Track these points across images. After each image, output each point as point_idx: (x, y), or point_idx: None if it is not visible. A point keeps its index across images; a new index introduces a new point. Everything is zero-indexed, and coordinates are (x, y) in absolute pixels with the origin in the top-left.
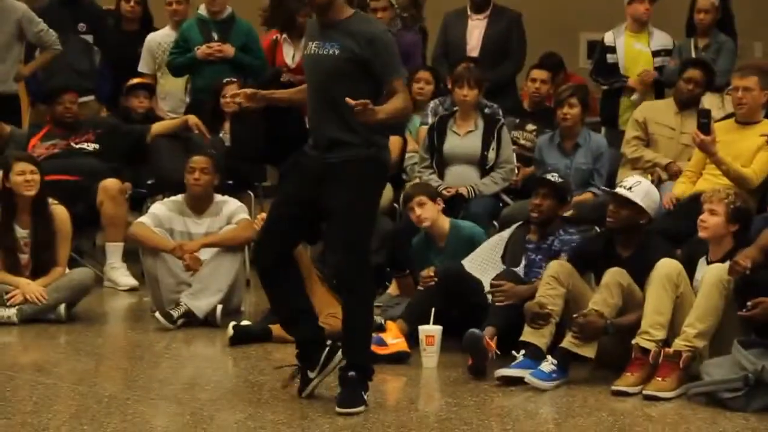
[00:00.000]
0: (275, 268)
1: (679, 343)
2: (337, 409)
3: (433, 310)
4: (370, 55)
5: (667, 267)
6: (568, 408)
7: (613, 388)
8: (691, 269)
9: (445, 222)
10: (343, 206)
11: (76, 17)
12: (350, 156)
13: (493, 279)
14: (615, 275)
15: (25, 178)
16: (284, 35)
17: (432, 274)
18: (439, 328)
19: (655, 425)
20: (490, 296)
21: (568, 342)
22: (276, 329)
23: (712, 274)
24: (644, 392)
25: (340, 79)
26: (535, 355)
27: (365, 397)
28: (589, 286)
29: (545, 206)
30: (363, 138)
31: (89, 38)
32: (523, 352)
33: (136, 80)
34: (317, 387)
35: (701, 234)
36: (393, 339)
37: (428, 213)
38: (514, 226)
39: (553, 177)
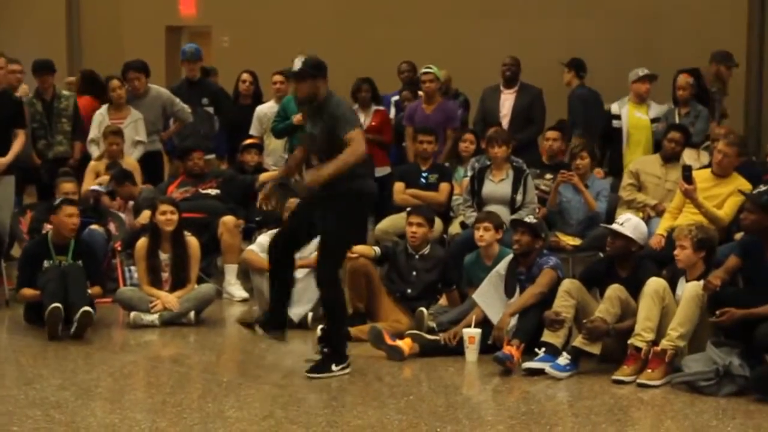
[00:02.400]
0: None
1: (665, 343)
2: (306, 373)
3: (474, 317)
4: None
5: (655, 284)
6: (579, 392)
7: (614, 377)
8: (673, 286)
9: (496, 247)
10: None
11: (201, 94)
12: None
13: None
14: (615, 290)
15: (166, 217)
16: (356, 106)
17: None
18: (478, 330)
19: (646, 406)
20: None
21: (578, 341)
22: (354, 330)
23: (690, 290)
24: (638, 381)
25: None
26: (553, 352)
27: (334, 369)
28: (594, 299)
29: (524, 241)
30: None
31: (211, 110)
32: (543, 349)
33: (248, 141)
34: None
35: (678, 264)
36: (400, 341)
37: (489, 237)
38: (505, 261)
39: (529, 219)
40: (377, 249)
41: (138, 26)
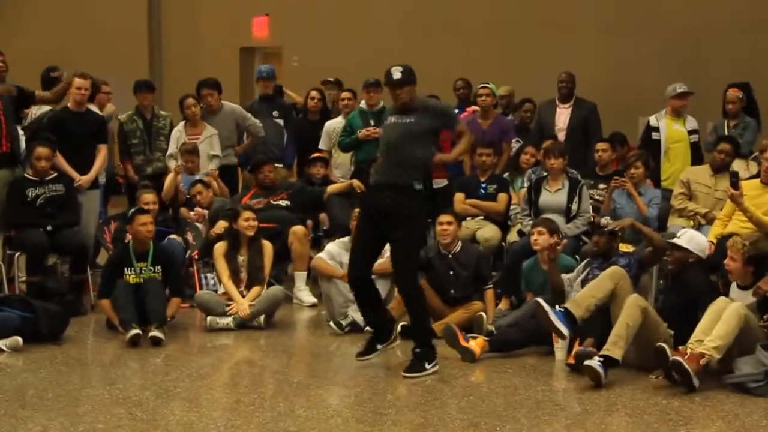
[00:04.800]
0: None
1: (701, 347)
2: (403, 374)
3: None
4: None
5: (741, 308)
6: (632, 393)
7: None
8: (726, 289)
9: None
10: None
11: (272, 108)
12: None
13: None
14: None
15: (249, 223)
16: None
17: None
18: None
19: (697, 407)
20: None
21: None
22: (434, 326)
23: (732, 308)
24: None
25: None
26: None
27: (427, 367)
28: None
29: (601, 243)
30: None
31: (281, 122)
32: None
33: (316, 154)
34: (377, 356)
35: (729, 276)
36: (473, 342)
37: (542, 240)
38: (582, 265)
39: (605, 219)
40: None
41: (214, 48)
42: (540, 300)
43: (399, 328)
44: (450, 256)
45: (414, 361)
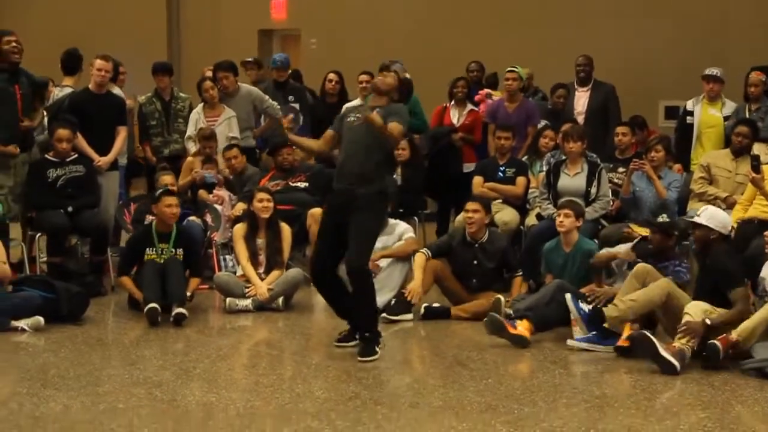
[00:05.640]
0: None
1: (734, 333)
2: (359, 358)
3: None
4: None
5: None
6: (650, 378)
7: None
8: (756, 269)
9: (575, 235)
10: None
11: (286, 93)
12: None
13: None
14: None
15: (263, 204)
16: (452, 103)
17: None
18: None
19: (716, 391)
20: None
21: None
22: (454, 309)
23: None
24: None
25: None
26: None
27: (377, 349)
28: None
29: (656, 240)
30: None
31: (296, 106)
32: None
33: None
34: (355, 345)
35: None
36: (521, 327)
37: (569, 223)
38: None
39: (662, 218)
40: (427, 251)
41: (233, 30)
42: (568, 298)
43: (423, 309)
44: (476, 245)
45: (366, 345)
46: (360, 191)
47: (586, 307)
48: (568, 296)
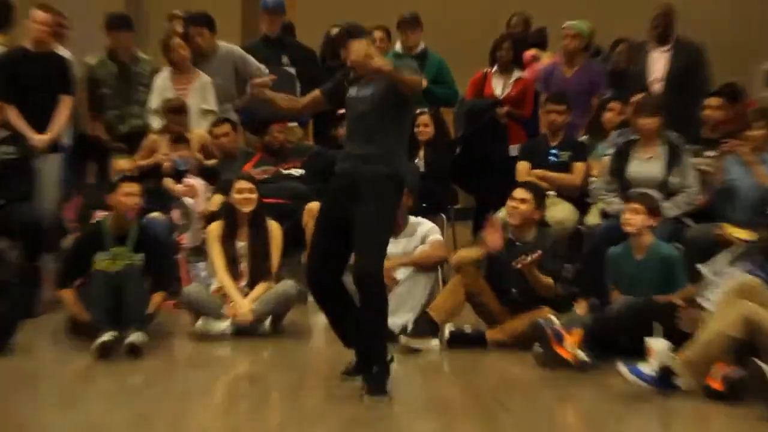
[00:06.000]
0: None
1: None
2: (366, 397)
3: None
4: None
5: None
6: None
7: None
8: None
9: (648, 237)
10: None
11: (280, 52)
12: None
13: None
14: None
15: (244, 195)
16: (494, 68)
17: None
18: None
19: None
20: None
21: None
22: (490, 333)
23: None
24: None
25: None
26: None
27: (388, 385)
28: None
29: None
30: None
31: (292, 70)
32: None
33: (342, 111)
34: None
35: None
36: (570, 346)
37: (638, 221)
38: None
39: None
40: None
41: None
42: (624, 371)
43: (447, 334)
44: (519, 244)
45: (374, 381)
46: (365, 173)
47: (649, 370)
48: (623, 369)
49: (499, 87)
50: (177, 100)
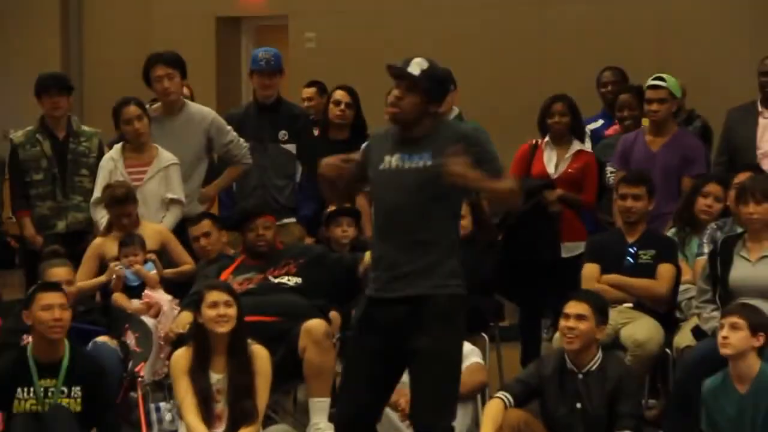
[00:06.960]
0: None
1: None
2: None
3: None
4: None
5: None
6: None
7: None
8: None
9: (754, 363)
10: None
11: (277, 124)
12: None
13: None
14: None
15: (218, 312)
16: (546, 139)
17: None
18: None
19: None
20: None
21: None
22: None
23: None
24: None
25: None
26: None
27: None
28: None
29: None
30: None
31: (291, 148)
32: None
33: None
34: None
35: None
36: None
37: (737, 340)
38: None
39: None
40: (505, 396)
41: (174, 18)
42: None
43: None
44: (580, 376)
45: None
46: (428, 293)
47: None
48: None
49: (551, 163)
50: (121, 186)
